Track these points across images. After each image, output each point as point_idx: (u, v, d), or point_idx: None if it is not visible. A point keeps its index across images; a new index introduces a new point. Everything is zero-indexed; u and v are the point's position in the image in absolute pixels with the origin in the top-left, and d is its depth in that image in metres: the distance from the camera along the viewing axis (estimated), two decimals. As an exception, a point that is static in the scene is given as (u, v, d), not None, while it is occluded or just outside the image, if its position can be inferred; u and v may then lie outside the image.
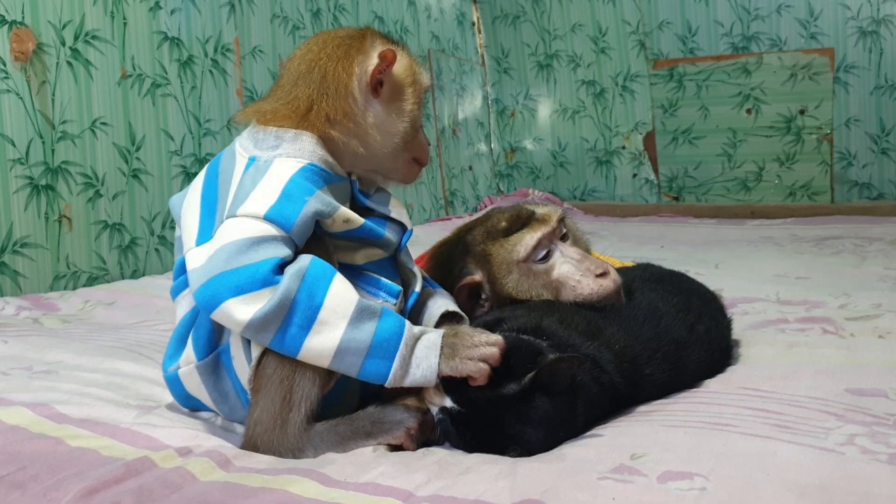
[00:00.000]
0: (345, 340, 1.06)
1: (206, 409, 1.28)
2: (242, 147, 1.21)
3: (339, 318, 1.07)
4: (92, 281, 2.33)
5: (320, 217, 1.14)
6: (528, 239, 1.34)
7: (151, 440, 1.14)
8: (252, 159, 1.18)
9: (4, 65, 2.14)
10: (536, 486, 0.94)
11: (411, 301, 1.25)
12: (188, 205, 1.22)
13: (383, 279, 1.22)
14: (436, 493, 0.95)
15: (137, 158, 2.48)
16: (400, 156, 1.27)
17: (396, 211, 1.29)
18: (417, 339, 1.10)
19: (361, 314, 1.08)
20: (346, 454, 1.09)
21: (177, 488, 0.99)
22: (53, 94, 2.25)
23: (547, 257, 1.35)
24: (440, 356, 1.08)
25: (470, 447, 1.08)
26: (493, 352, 1.08)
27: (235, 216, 1.11)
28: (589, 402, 1.14)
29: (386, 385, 1.09)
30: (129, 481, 0.99)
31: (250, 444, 1.13)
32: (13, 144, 2.15)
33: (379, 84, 1.22)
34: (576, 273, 1.33)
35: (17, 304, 1.96)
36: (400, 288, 1.22)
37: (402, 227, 1.28)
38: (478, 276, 1.36)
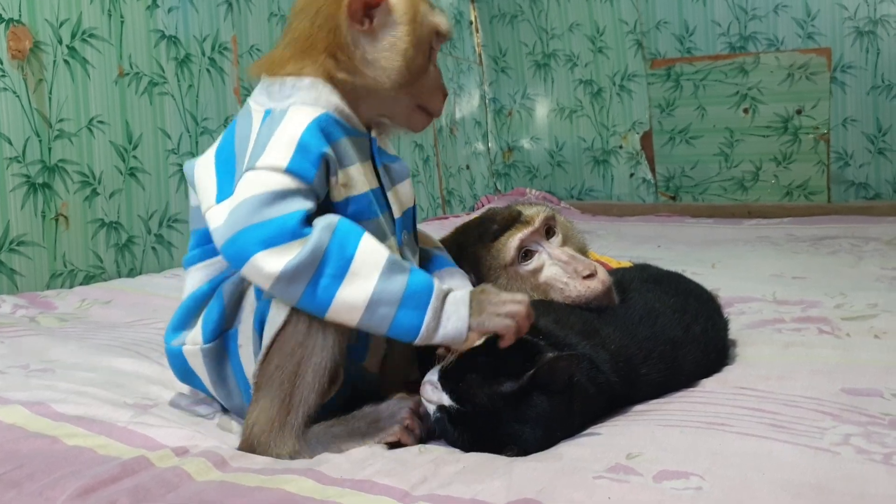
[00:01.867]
0: (378, 291, 1.04)
1: (202, 387, 1.27)
2: (256, 102, 1.19)
3: (371, 269, 1.05)
4: (89, 279, 2.33)
5: (331, 170, 1.12)
6: (511, 242, 1.33)
7: (148, 439, 1.14)
8: (268, 112, 1.15)
9: (1, 63, 2.13)
10: (532, 485, 0.95)
11: None
12: (202, 166, 1.19)
13: None
14: (432, 491, 0.95)
15: (134, 157, 2.48)
16: (400, 99, 1.23)
17: (398, 192, 1.26)
18: (446, 294, 1.09)
19: (393, 267, 1.06)
20: (341, 454, 1.09)
21: (173, 487, 0.99)
22: (50, 93, 2.25)
23: (533, 259, 1.34)
24: (469, 312, 1.07)
25: (467, 446, 1.08)
26: (520, 309, 1.08)
27: (255, 168, 1.09)
28: (585, 401, 1.15)
29: (417, 341, 1.07)
30: (126, 480, 0.99)
31: (247, 444, 1.13)
32: (10, 143, 2.15)
33: (369, 17, 1.18)
34: (563, 275, 1.32)
35: (13, 303, 1.96)
36: None
37: (392, 218, 1.24)
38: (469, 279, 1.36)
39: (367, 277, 1.05)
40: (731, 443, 1.06)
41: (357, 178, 1.17)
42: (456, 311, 1.07)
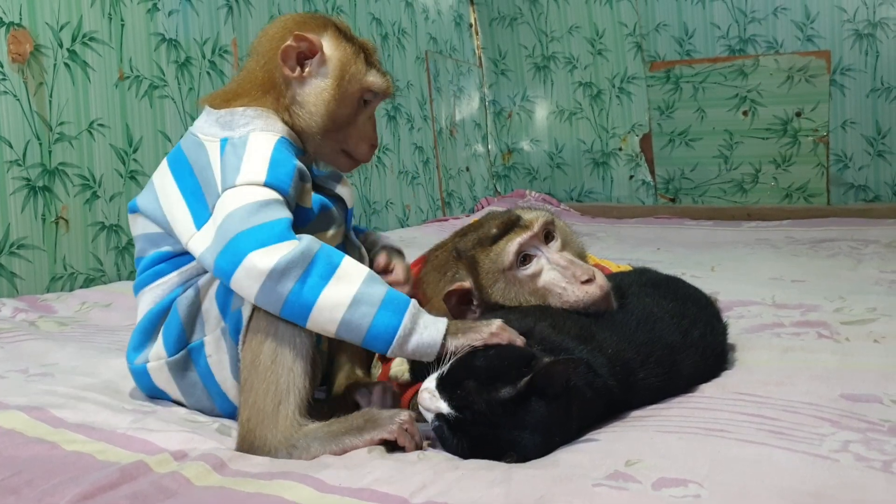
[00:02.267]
0: (360, 293, 1.12)
1: (170, 400, 1.33)
2: (206, 134, 1.27)
3: (354, 277, 1.13)
4: (89, 282, 2.33)
5: (302, 181, 1.23)
6: (509, 247, 1.33)
7: (147, 444, 1.14)
8: (224, 140, 1.24)
9: (2, 66, 2.13)
10: (531, 492, 0.94)
11: None
12: (170, 202, 1.26)
13: None
14: (430, 499, 0.95)
15: (135, 160, 2.48)
16: (326, 143, 1.34)
17: (342, 189, 1.38)
18: (423, 311, 1.16)
19: (374, 278, 1.15)
20: (341, 458, 1.09)
21: (171, 493, 0.99)
22: (51, 96, 2.25)
23: (531, 263, 1.34)
24: (446, 330, 1.13)
25: (466, 453, 1.08)
26: (494, 328, 1.14)
27: (234, 186, 1.17)
28: (583, 405, 1.15)
29: (392, 345, 1.12)
30: (124, 486, 0.99)
31: (245, 442, 1.15)
32: (10, 146, 2.15)
33: (301, 66, 1.30)
34: (561, 280, 1.32)
35: (13, 306, 1.96)
36: None
37: (345, 206, 1.37)
38: (467, 283, 1.35)
39: (352, 282, 1.13)
40: (729, 449, 1.06)
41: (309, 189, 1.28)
42: (434, 324, 1.14)
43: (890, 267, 2.29)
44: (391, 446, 1.13)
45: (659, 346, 1.28)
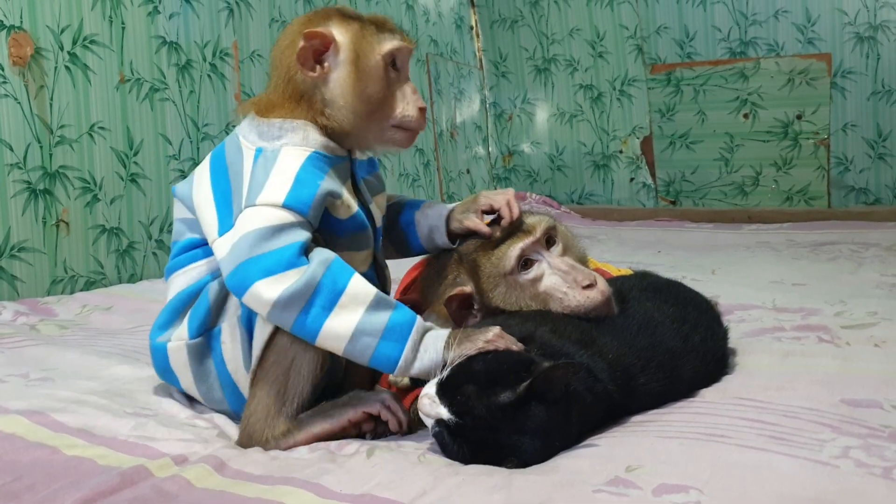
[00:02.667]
0: (362, 322, 1.14)
1: (178, 385, 1.34)
2: (246, 139, 1.28)
3: (358, 304, 1.15)
4: (89, 285, 2.33)
5: (331, 197, 1.23)
6: (511, 251, 1.33)
7: (148, 448, 1.15)
8: (259, 150, 1.24)
9: (2, 69, 2.14)
10: (532, 498, 0.95)
11: None
12: (202, 198, 1.28)
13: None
14: (431, 505, 0.95)
15: (135, 163, 2.48)
16: (372, 126, 1.31)
17: (375, 206, 1.38)
18: (427, 330, 1.17)
19: (378, 303, 1.16)
20: (341, 464, 1.09)
21: (172, 498, 1.00)
22: (51, 99, 2.25)
23: (533, 268, 1.34)
24: (445, 346, 1.15)
25: (467, 458, 1.08)
26: (492, 336, 1.15)
27: (254, 205, 1.19)
28: (583, 409, 1.15)
29: (396, 372, 1.16)
30: (125, 491, 1.00)
31: (244, 435, 1.20)
32: (11, 149, 2.15)
33: (320, 63, 1.28)
34: (563, 285, 1.32)
35: (14, 309, 1.96)
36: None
37: (374, 224, 1.36)
38: (468, 288, 1.35)
39: (354, 311, 1.15)
40: (730, 455, 1.06)
41: (350, 200, 1.28)
42: (434, 345, 1.16)
43: (891, 270, 2.29)
44: (390, 447, 1.15)
45: (659, 351, 1.28)
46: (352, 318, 1.14)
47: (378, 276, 1.38)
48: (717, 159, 3.79)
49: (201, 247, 1.31)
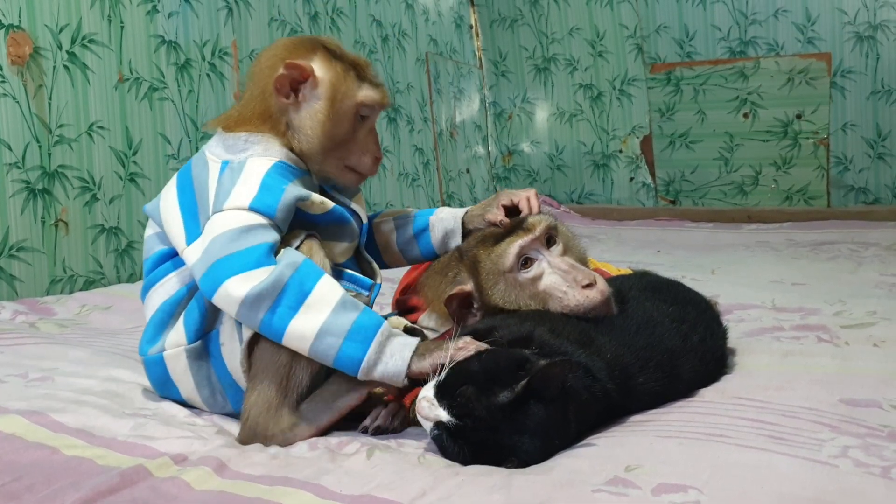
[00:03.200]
0: (327, 323, 1.15)
1: (179, 397, 1.34)
2: (213, 154, 1.32)
3: (324, 305, 1.16)
4: (88, 285, 2.33)
5: (300, 201, 1.25)
6: (510, 249, 1.33)
7: (147, 448, 1.14)
8: (225, 163, 1.29)
9: (1, 69, 2.13)
10: (531, 498, 0.95)
11: (375, 293, 1.34)
12: (168, 213, 1.32)
13: (356, 273, 1.32)
14: (431, 505, 0.95)
15: (134, 162, 2.48)
16: (329, 161, 1.36)
17: (356, 204, 1.41)
18: (393, 335, 1.18)
19: (345, 305, 1.17)
20: (341, 465, 1.09)
21: (171, 498, 1.00)
22: (50, 98, 2.25)
23: (532, 267, 1.34)
24: (413, 355, 1.16)
25: (468, 459, 1.08)
26: (464, 346, 1.16)
27: (222, 211, 1.22)
28: (581, 407, 1.15)
29: (359, 374, 1.16)
30: (124, 491, 1.00)
31: (246, 429, 1.20)
32: (10, 148, 2.15)
33: (295, 91, 1.32)
34: (562, 284, 1.32)
35: (13, 309, 1.96)
36: (371, 281, 1.33)
37: (360, 221, 1.39)
38: (468, 287, 1.35)
39: (320, 311, 1.16)
40: (729, 455, 1.06)
41: (323, 199, 1.30)
42: (400, 351, 1.17)
43: (890, 270, 2.29)
44: (390, 447, 1.16)
45: (659, 351, 1.28)
46: (318, 318, 1.15)
47: (362, 271, 1.39)
48: (717, 159, 3.79)
49: (171, 259, 1.33)
